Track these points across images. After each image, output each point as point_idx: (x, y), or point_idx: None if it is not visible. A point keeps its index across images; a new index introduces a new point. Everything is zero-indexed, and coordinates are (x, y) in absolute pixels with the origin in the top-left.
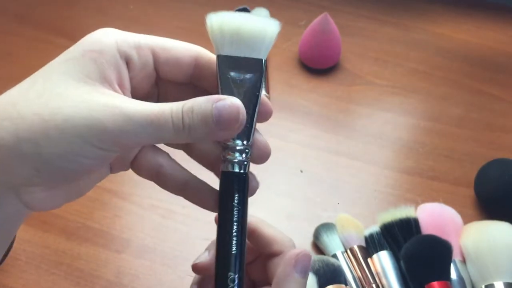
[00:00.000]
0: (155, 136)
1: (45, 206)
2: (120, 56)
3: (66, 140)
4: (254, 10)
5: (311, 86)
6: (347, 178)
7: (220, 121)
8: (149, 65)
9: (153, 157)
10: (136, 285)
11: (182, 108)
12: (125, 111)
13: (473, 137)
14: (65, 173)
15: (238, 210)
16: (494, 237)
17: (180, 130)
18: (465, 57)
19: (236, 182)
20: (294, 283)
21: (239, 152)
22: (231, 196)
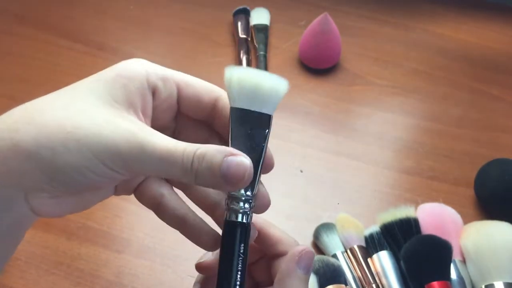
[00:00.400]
0: (162, 170)
1: (50, 213)
2: (148, 85)
3: (82, 154)
4: (254, 10)
5: (311, 86)
6: (347, 178)
7: (226, 176)
8: (173, 98)
9: (156, 188)
10: (136, 285)
11: (194, 152)
12: (141, 141)
13: (473, 137)
14: (74, 184)
15: (242, 259)
16: (494, 237)
17: (187, 172)
18: (465, 57)
19: (241, 232)
20: (297, 279)
21: (243, 202)
22: (235, 245)
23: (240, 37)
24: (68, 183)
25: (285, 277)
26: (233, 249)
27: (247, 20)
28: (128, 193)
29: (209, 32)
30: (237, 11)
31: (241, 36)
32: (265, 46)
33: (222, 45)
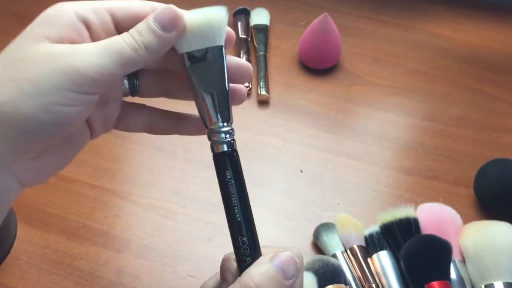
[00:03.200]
0: (119, 61)
1: (36, 178)
2: (77, 18)
3: (41, 92)
4: (254, 10)
5: (311, 86)
6: (347, 178)
7: (163, 24)
8: (109, 24)
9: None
10: (136, 284)
11: (128, 32)
12: (86, 48)
13: (473, 137)
14: (48, 128)
15: (231, 184)
16: (493, 237)
17: (137, 48)
18: (465, 57)
19: (226, 160)
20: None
21: (223, 134)
22: (223, 173)
23: (240, 37)
24: (43, 130)
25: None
26: (224, 176)
27: (247, 20)
28: (107, 129)
29: None
30: (237, 11)
31: (241, 36)
32: (265, 46)
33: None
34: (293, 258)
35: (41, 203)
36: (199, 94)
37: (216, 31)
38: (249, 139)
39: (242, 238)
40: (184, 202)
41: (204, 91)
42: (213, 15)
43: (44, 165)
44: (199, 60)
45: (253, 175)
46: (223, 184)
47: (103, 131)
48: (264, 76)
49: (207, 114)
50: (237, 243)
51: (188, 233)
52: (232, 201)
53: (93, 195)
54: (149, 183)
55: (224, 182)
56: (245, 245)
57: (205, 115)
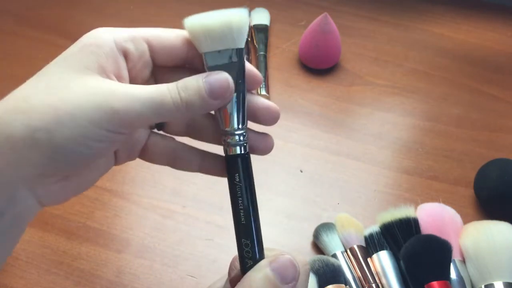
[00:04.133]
0: (158, 112)
1: (57, 199)
2: (117, 49)
3: (77, 124)
4: (254, 10)
5: (311, 86)
6: (347, 178)
7: (212, 91)
8: (146, 55)
9: (165, 142)
10: (136, 284)
11: (176, 85)
12: (129, 92)
13: (472, 137)
14: (76, 159)
15: (240, 187)
16: (493, 237)
17: (179, 105)
18: (465, 57)
19: (238, 163)
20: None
21: (237, 136)
22: (233, 175)
23: None
24: (71, 159)
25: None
26: (233, 179)
27: None
28: (132, 157)
29: None
30: None
31: None
32: (265, 46)
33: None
34: (292, 262)
35: None
36: None
37: (236, 33)
38: None
39: (246, 240)
40: (184, 202)
41: None
42: (234, 16)
43: (66, 188)
44: (219, 61)
45: (253, 175)
46: (232, 186)
47: (127, 160)
48: (264, 76)
49: (223, 115)
50: (241, 245)
51: (188, 233)
52: (238, 204)
53: (93, 195)
54: (149, 183)
55: (233, 184)
56: (248, 248)
57: (221, 116)
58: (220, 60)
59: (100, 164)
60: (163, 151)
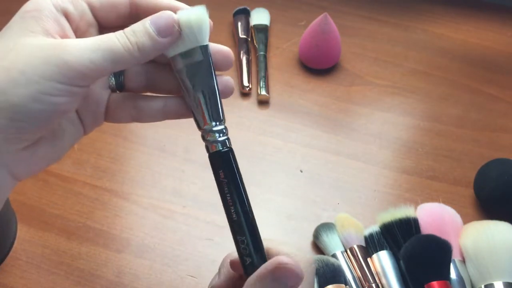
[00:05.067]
0: (110, 58)
1: (28, 170)
2: (56, 10)
3: (31, 81)
4: (254, 10)
5: (311, 86)
6: (347, 178)
7: (159, 29)
8: (87, 14)
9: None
10: (136, 284)
11: (123, 32)
12: (79, 43)
13: (472, 137)
14: (37, 117)
15: (226, 183)
16: (493, 237)
17: (130, 49)
18: (465, 57)
19: (219, 159)
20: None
21: (216, 133)
22: (218, 172)
23: (240, 37)
24: (30, 117)
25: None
26: (218, 176)
27: (247, 20)
28: (98, 123)
29: None
30: (237, 11)
31: (241, 36)
32: (265, 46)
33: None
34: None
35: (41, 203)
36: (190, 95)
37: (197, 31)
38: (249, 139)
39: (241, 237)
40: (184, 202)
41: (194, 91)
42: (193, 16)
43: (36, 157)
44: (186, 61)
45: (253, 175)
46: (219, 183)
47: (95, 126)
48: (264, 76)
49: (199, 114)
50: (237, 242)
51: (188, 233)
52: (227, 200)
53: (93, 195)
54: (149, 183)
55: (219, 181)
56: (244, 244)
57: (197, 116)
58: (187, 60)
59: (67, 130)
60: (125, 107)
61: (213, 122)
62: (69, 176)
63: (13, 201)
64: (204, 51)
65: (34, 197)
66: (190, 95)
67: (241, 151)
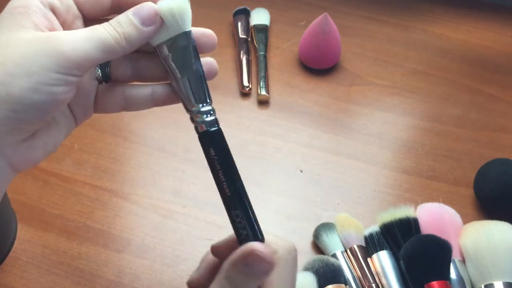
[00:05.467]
0: (102, 49)
1: (26, 161)
2: (43, 6)
3: (29, 72)
4: (254, 10)
5: (311, 87)
6: (347, 178)
7: (143, 19)
8: (73, 8)
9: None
10: (136, 284)
11: (109, 23)
12: (72, 34)
13: (472, 137)
14: (38, 107)
15: (217, 160)
16: (493, 236)
17: (118, 39)
18: (465, 57)
19: (210, 138)
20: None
21: (204, 114)
22: (208, 151)
23: (240, 37)
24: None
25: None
26: (209, 154)
27: (247, 20)
28: (88, 115)
29: None
30: (237, 11)
31: (241, 36)
32: (265, 46)
33: (222, 45)
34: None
35: (41, 203)
36: (176, 80)
37: (179, 19)
38: (249, 139)
39: (235, 211)
40: (184, 202)
41: (180, 76)
42: (174, 3)
43: (33, 148)
44: (170, 48)
45: (253, 175)
46: (210, 161)
47: (85, 117)
48: (264, 76)
49: (186, 97)
50: (232, 217)
51: (188, 233)
52: (220, 177)
53: (93, 195)
54: (149, 183)
55: (211, 159)
56: (238, 218)
57: (184, 99)
58: (172, 47)
59: (60, 121)
60: (113, 97)
61: (200, 104)
62: (69, 176)
63: (13, 201)
64: (188, 37)
65: (34, 197)
66: (177, 79)
67: (241, 151)
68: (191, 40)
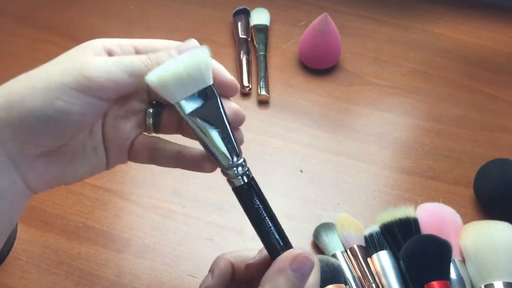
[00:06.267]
0: (129, 70)
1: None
2: (103, 48)
3: (47, 87)
4: (254, 10)
5: (311, 86)
6: (347, 178)
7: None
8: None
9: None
10: (136, 284)
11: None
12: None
13: (472, 137)
14: (52, 125)
15: (261, 208)
16: (493, 236)
17: (149, 65)
18: (465, 57)
19: (250, 190)
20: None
21: (236, 168)
22: (251, 202)
23: (240, 37)
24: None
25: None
26: (252, 204)
27: (247, 20)
28: (122, 159)
29: (209, 32)
30: (237, 11)
31: (241, 36)
32: (265, 46)
33: (222, 45)
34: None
35: (41, 203)
36: (203, 137)
37: (203, 73)
38: (249, 139)
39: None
40: (184, 202)
41: (208, 132)
42: (199, 57)
43: (49, 171)
44: (194, 104)
45: (253, 175)
46: (253, 211)
47: (118, 161)
48: (264, 76)
49: (217, 153)
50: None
51: (188, 233)
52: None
53: (93, 195)
54: (149, 183)
55: (254, 209)
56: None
57: (215, 155)
58: (196, 102)
59: (88, 157)
60: (145, 146)
61: (232, 158)
62: None
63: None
64: (209, 92)
65: (34, 197)
66: (202, 137)
67: None
68: (215, 94)
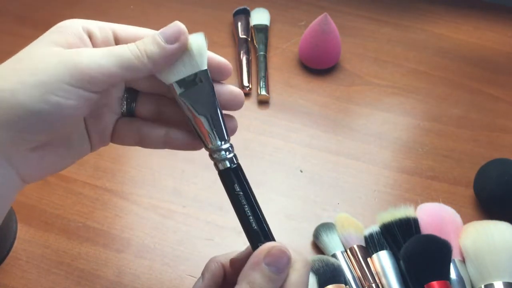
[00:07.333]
0: (119, 63)
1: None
2: (83, 30)
3: (40, 82)
4: (254, 10)
5: (311, 86)
6: (347, 178)
7: (167, 36)
8: (110, 40)
9: (130, 122)
10: (136, 284)
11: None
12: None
13: (472, 137)
14: (45, 118)
15: (241, 195)
16: (493, 236)
17: (139, 56)
18: (465, 57)
19: (231, 175)
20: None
21: (223, 151)
22: (232, 187)
23: (240, 37)
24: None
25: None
26: (233, 190)
27: (247, 20)
28: (105, 142)
29: (209, 32)
30: (237, 11)
31: (241, 36)
32: (265, 46)
33: (222, 45)
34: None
35: (41, 203)
36: (194, 118)
37: (198, 57)
38: (249, 139)
39: (261, 244)
40: (184, 202)
41: (198, 114)
42: (193, 42)
43: (43, 162)
44: (187, 86)
45: (253, 175)
46: (234, 196)
47: (101, 144)
48: (264, 76)
49: (204, 135)
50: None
51: (188, 233)
52: (245, 212)
53: (93, 195)
54: (149, 183)
55: (235, 195)
56: None
57: (203, 137)
58: (188, 85)
59: (75, 142)
60: (130, 132)
61: (218, 141)
62: (69, 176)
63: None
64: (203, 76)
65: (34, 197)
66: (192, 118)
67: (241, 151)
68: (209, 79)
